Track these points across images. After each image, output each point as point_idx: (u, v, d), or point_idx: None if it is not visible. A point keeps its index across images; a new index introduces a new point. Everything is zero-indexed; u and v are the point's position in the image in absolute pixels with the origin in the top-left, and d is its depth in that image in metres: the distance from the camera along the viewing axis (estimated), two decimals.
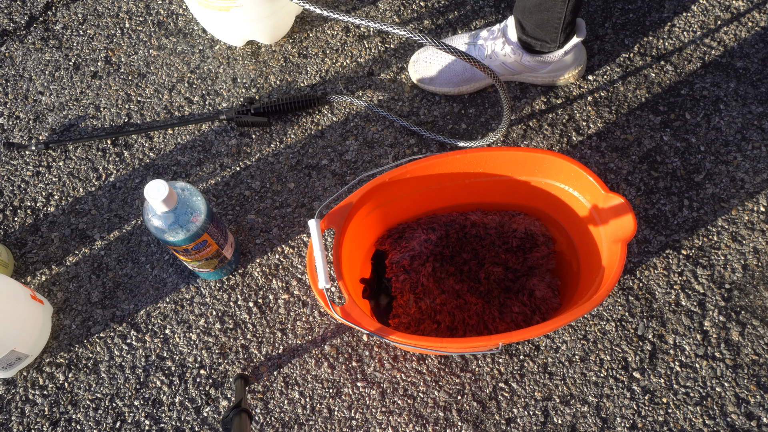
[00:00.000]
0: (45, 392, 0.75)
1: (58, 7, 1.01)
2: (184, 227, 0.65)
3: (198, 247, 0.69)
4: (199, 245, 0.69)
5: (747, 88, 0.88)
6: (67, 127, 0.91)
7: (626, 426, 0.70)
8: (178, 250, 0.69)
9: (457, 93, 0.88)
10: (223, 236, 0.73)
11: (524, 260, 0.74)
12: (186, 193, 0.66)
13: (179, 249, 0.69)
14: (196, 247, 0.69)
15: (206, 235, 0.68)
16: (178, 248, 0.68)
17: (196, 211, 0.66)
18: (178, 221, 0.65)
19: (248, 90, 0.92)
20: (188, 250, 0.69)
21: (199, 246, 0.69)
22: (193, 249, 0.69)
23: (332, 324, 0.77)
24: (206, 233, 0.68)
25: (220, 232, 0.72)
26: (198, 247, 0.69)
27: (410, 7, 0.97)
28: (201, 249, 0.70)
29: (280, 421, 0.72)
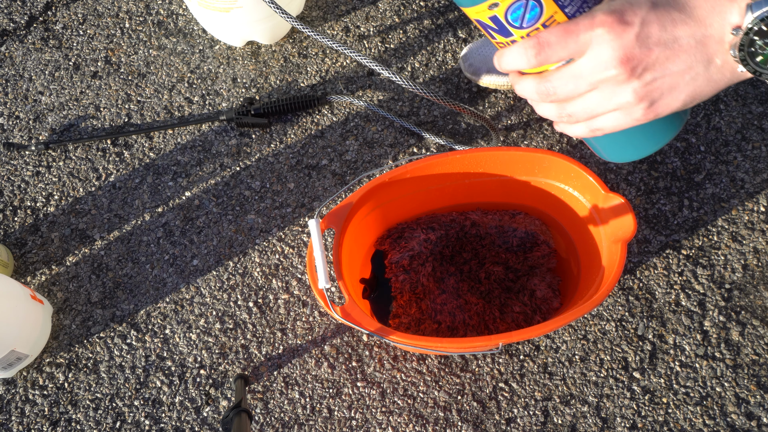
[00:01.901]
0: (45, 392, 0.75)
1: (58, 7, 1.01)
2: None
3: (519, 12, 0.41)
4: (521, 5, 0.40)
5: (747, 87, 0.88)
6: (67, 127, 0.91)
7: (626, 426, 0.70)
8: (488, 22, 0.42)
9: (510, 87, 0.87)
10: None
11: (525, 260, 0.74)
12: None
13: (477, 10, 0.42)
14: (516, 13, 0.41)
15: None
16: (477, 8, 0.42)
17: None
18: None
19: (248, 90, 0.92)
20: (501, 25, 0.42)
21: (521, 8, 0.40)
22: (511, 15, 0.41)
23: (332, 324, 0.77)
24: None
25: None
26: (518, 11, 0.41)
27: (410, 7, 0.97)
28: (527, 18, 0.41)
29: (280, 421, 0.72)
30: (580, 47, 0.38)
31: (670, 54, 0.38)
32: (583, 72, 0.39)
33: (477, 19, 0.43)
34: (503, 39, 0.43)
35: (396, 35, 0.95)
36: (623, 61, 0.38)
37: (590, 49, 0.38)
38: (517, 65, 0.42)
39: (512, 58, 0.42)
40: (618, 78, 0.38)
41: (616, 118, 0.42)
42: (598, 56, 0.38)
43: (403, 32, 0.95)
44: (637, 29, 0.37)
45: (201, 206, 0.85)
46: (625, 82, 0.39)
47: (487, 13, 0.42)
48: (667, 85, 0.39)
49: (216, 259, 0.81)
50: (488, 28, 0.43)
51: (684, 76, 0.39)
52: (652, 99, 0.40)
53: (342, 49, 0.70)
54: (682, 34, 0.37)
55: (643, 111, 0.40)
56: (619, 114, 0.41)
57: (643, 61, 0.38)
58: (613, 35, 0.37)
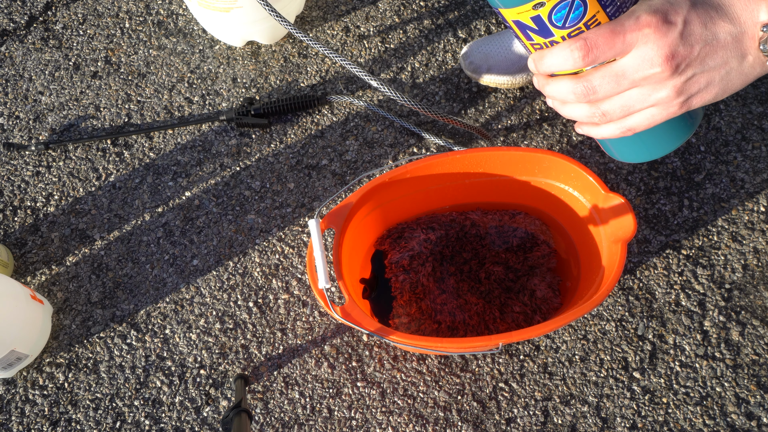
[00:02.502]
0: (45, 392, 0.75)
1: (58, 7, 1.01)
2: None
3: (563, 12, 0.40)
4: (567, 5, 0.39)
5: (747, 87, 0.88)
6: (67, 127, 0.91)
7: (626, 426, 0.70)
8: (522, 20, 0.41)
9: (511, 85, 0.87)
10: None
11: (525, 259, 0.74)
12: None
13: (520, 11, 0.41)
14: (560, 12, 0.40)
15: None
16: (519, 9, 0.41)
17: None
18: None
19: (248, 90, 0.92)
20: (542, 25, 0.41)
21: (566, 7, 0.39)
22: (555, 15, 0.40)
23: (332, 324, 0.77)
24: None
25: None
26: (563, 11, 0.40)
27: (410, 7, 0.97)
28: (571, 18, 0.40)
29: (280, 421, 0.72)
30: (625, 47, 0.39)
31: (709, 50, 0.39)
32: (626, 71, 0.40)
33: (516, 20, 0.43)
34: (542, 40, 0.43)
35: (396, 35, 0.95)
36: (667, 59, 0.39)
37: (635, 48, 0.39)
38: (561, 67, 0.42)
39: (556, 59, 0.42)
40: (661, 75, 0.40)
41: (651, 114, 0.42)
42: (644, 55, 0.39)
43: (403, 32, 0.95)
44: (681, 28, 0.38)
45: (201, 206, 0.85)
46: (667, 79, 0.40)
47: (529, 14, 0.41)
48: (705, 80, 0.41)
49: (216, 259, 0.81)
50: (526, 29, 0.43)
51: (720, 71, 0.40)
52: (689, 94, 0.41)
53: (334, 57, 0.71)
54: (721, 31, 0.39)
55: (679, 105, 0.42)
56: (655, 109, 0.42)
57: (686, 59, 0.39)
58: (658, 35, 0.38)
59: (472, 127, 0.79)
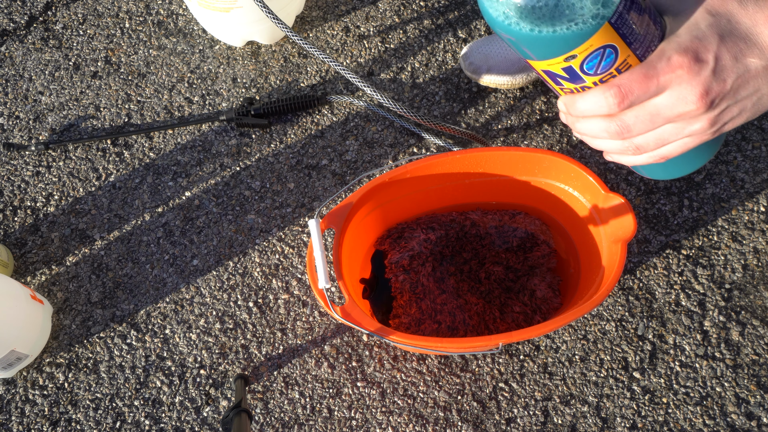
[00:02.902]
0: (45, 392, 0.75)
1: (58, 7, 1.01)
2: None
3: (595, 61, 0.39)
4: (598, 55, 0.39)
5: None
6: (67, 127, 0.91)
7: (626, 426, 0.70)
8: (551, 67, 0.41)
9: (511, 86, 0.87)
10: (649, 39, 0.40)
11: (525, 259, 0.74)
12: None
13: (551, 63, 0.40)
14: (592, 62, 0.40)
15: (614, 35, 0.39)
16: (550, 61, 0.40)
17: None
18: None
19: (248, 90, 0.92)
20: (574, 74, 0.40)
21: (598, 57, 0.39)
22: (587, 65, 0.40)
23: (332, 324, 0.77)
24: (615, 28, 0.38)
25: (644, 29, 0.39)
26: (594, 60, 0.39)
27: (410, 7, 0.97)
28: (603, 65, 0.40)
29: (280, 421, 0.72)
30: (659, 89, 0.40)
31: (741, 82, 0.40)
32: (661, 110, 0.41)
33: (546, 70, 0.43)
34: (572, 86, 0.43)
35: (396, 35, 0.95)
36: (702, 97, 0.39)
37: (669, 89, 0.40)
38: (595, 112, 0.42)
39: (589, 105, 0.42)
40: (696, 111, 0.40)
41: (684, 143, 0.43)
42: (678, 95, 0.40)
43: (403, 32, 0.95)
44: (713, 65, 0.39)
45: (201, 206, 0.85)
46: (702, 114, 0.41)
47: (561, 65, 0.41)
48: (738, 109, 0.42)
49: (216, 259, 0.81)
50: (557, 77, 0.43)
51: (752, 99, 0.41)
52: (723, 122, 0.42)
53: (328, 61, 0.72)
54: (752, 62, 0.40)
55: (711, 134, 0.43)
56: (689, 139, 0.43)
57: (719, 94, 0.40)
58: (691, 74, 0.39)
59: (465, 133, 0.79)
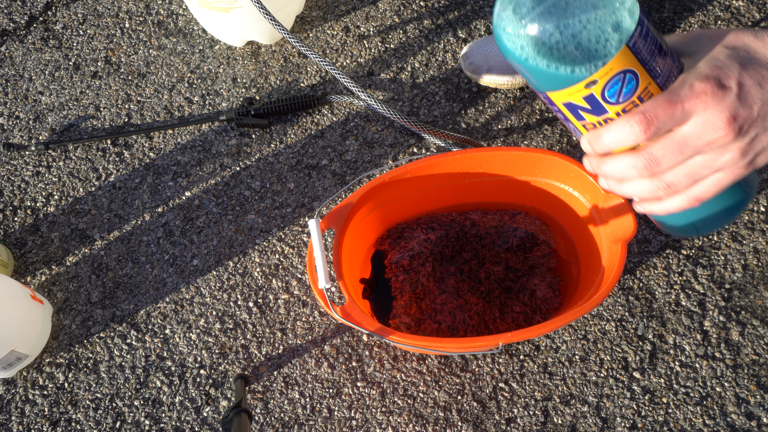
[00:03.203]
0: (45, 392, 0.75)
1: (58, 7, 1.01)
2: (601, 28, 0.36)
3: (616, 87, 0.39)
4: (619, 80, 0.39)
5: None
6: (67, 127, 0.91)
7: (626, 426, 0.70)
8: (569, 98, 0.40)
9: (511, 86, 0.87)
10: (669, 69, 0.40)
11: (525, 259, 0.74)
12: None
13: (571, 92, 0.40)
14: (613, 88, 0.39)
15: (633, 59, 0.38)
16: (571, 90, 0.39)
17: None
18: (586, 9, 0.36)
19: (248, 90, 0.92)
20: (595, 103, 0.40)
21: (618, 83, 0.39)
22: (609, 92, 0.39)
23: (332, 324, 0.77)
24: (633, 52, 0.38)
25: (662, 59, 0.39)
26: (616, 86, 0.39)
27: (410, 7, 0.97)
28: (624, 92, 0.39)
29: (280, 421, 0.72)
30: (685, 116, 0.39)
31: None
32: (688, 139, 0.40)
33: (566, 102, 0.41)
34: (594, 118, 0.41)
35: (396, 35, 0.95)
36: (729, 122, 0.39)
37: (695, 115, 0.39)
38: (621, 143, 0.41)
39: (615, 135, 0.41)
40: (725, 139, 0.40)
41: (717, 179, 0.42)
42: (705, 121, 0.39)
43: (403, 32, 0.95)
44: (737, 90, 0.39)
45: (201, 206, 0.85)
46: (731, 142, 0.40)
47: (582, 93, 0.40)
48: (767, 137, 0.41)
49: (216, 259, 0.81)
50: (578, 110, 0.41)
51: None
52: (754, 153, 0.41)
53: (324, 64, 0.73)
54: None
55: (745, 166, 0.42)
56: (721, 174, 0.42)
57: (747, 120, 0.39)
58: (716, 99, 0.38)
59: (459, 138, 0.79)
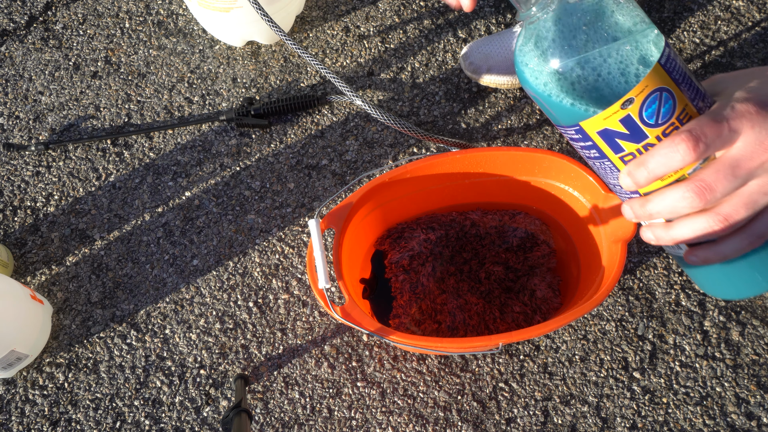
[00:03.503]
0: (45, 392, 0.75)
1: (58, 7, 1.01)
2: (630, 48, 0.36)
3: (654, 107, 0.37)
4: (656, 98, 0.37)
5: None
6: (67, 127, 0.91)
7: (626, 426, 0.70)
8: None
9: (511, 86, 0.87)
10: (699, 97, 0.38)
11: (525, 259, 0.74)
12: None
13: (607, 116, 0.38)
14: (651, 107, 0.37)
15: (666, 77, 0.37)
16: (606, 113, 0.38)
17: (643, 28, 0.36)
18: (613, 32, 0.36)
19: (248, 90, 0.92)
20: (634, 126, 0.38)
21: (656, 101, 0.37)
22: (647, 112, 0.37)
23: (332, 324, 0.77)
24: (667, 72, 0.37)
25: (694, 83, 0.38)
26: (653, 105, 0.37)
27: (410, 7, 0.97)
28: (663, 112, 0.37)
29: (280, 421, 0.72)
30: (732, 135, 0.37)
31: None
32: (740, 160, 0.37)
33: (602, 130, 0.38)
34: (634, 146, 0.39)
35: (396, 35, 0.95)
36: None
37: (743, 135, 0.37)
38: (667, 166, 0.37)
39: (660, 158, 0.37)
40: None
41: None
42: (755, 140, 0.37)
43: (403, 32, 0.95)
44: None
45: (201, 206, 0.85)
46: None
47: (618, 115, 0.38)
48: None
49: (216, 259, 0.81)
50: (615, 138, 0.39)
51: None
52: None
53: (319, 68, 0.73)
54: None
55: None
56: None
57: None
58: (761, 117, 0.36)
59: (453, 143, 0.79)
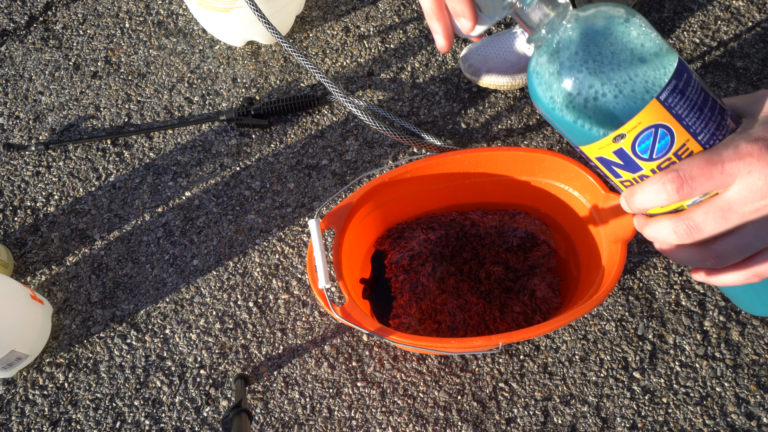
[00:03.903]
0: (45, 392, 0.75)
1: (58, 7, 1.01)
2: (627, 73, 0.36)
3: (647, 143, 0.37)
4: (650, 135, 0.37)
5: (747, 88, 0.88)
6: (67, 127, 0.91)
7: (626, 426, 0.70)
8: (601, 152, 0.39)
9: (510, 87, 0.87)
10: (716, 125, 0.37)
11: (525, 259, 0.74)
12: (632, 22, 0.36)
13: (601, 146, 0.38)
14: (644, 143, 0.37)
15: (665, 114, 0.37)
16: (600, 143, 0.38)
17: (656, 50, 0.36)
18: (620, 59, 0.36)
19: (248, 90, 0.92)
20: (627, 159, 0.38)
21: (650, 138, 0.37)
22: (640, 147, 0.37)
23: (332, 324, 0.77)
24: (666, 107, 0.36)
25: (706, 114, 0.37)
26: (647, 141, 0.37)
27: (410, 7, 0.97)
28: (657, 148, 0.37)
29: (280, 421, 0.72)
30: (726, 179, 0.36)
31: None
32: (732, 204, 0.36)
33: (599, 157, 0.39)
34: (630, 175, 0.39)
35: (396, 35, 0.95)
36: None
37: (739, 179, 0.36)
38: (653, 203, 0.38)
39: (647, 195, 0.38)
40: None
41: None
42: (751, 185, 0.36)
43: (403, 32, 0.95)
44: None
45: (201, 206, 0.85)
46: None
47: (611, 147, 0.38)
48: None
49: (216, 259, 0.81)
50: (612, 165, 0.39)
51: None
52: None
53: (313, 71, 0.73)
54: None
55: None
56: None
57: None
58: (763, 163, 0.35)
59: (446, 148, 0.79)
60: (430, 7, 0.49)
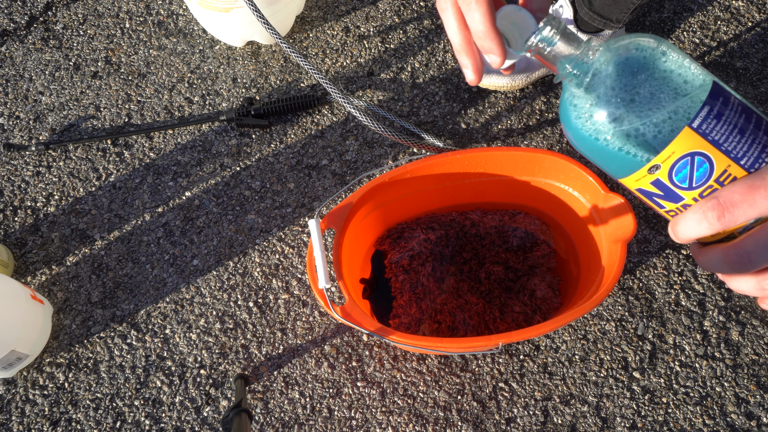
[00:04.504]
0: (45, 392, 0.75)
1: (58, 7, 1.01)
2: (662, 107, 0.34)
3: (685, 171, 0.36)
4: (686, 163, 0.36)
5: (747, 88, 0.88)
6: (67, 127, 0.91)
7: (626, 426, 0.70)
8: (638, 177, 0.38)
9: (510, 87, 0.87)
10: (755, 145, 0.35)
11: (525, 259, 0.74)
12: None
13: (638, 178, 0.38)
14: (681, 172, 0.36)
15: (701, 141, 0.35)
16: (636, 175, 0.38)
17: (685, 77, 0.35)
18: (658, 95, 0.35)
19: (248, 90, 0.92)
20: (666, 189, 0.37)
21: (686, 166, 0.36)
22: (677, 176, 0.36)
23: (332, 324, 0.77)
24: (702, 134, 0.35)
25: (749, 137, 0.35)
26: (684, 170, 0.36)
27: (410, 7, 0.97)
28: (696, 176, 0.36)
29: (280, 421, 0.72)
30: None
31: None
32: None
33: (639, 188, 0.39)
34: (673, 205, 0.38)
35: (396, 35, 0.95)
36: None
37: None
38: (696, 233, 0.36)
39: (689, 225, 0.36)
40: None
41: None
42: None
43: (403, 32, 0.95)
44: None
45: (201, 206, 0.85)
46: None
47: (648, 179, 0.37)
48: None
49: (216, 259, 0.81)
50: (653, 196, 0.38)
51: None
52: None
53: (312, 72, 0.73)
54: None
55: None
56: None
57: None
58: None
59: (442, 149, 0.79)
60: (460, 43, 0.48)
